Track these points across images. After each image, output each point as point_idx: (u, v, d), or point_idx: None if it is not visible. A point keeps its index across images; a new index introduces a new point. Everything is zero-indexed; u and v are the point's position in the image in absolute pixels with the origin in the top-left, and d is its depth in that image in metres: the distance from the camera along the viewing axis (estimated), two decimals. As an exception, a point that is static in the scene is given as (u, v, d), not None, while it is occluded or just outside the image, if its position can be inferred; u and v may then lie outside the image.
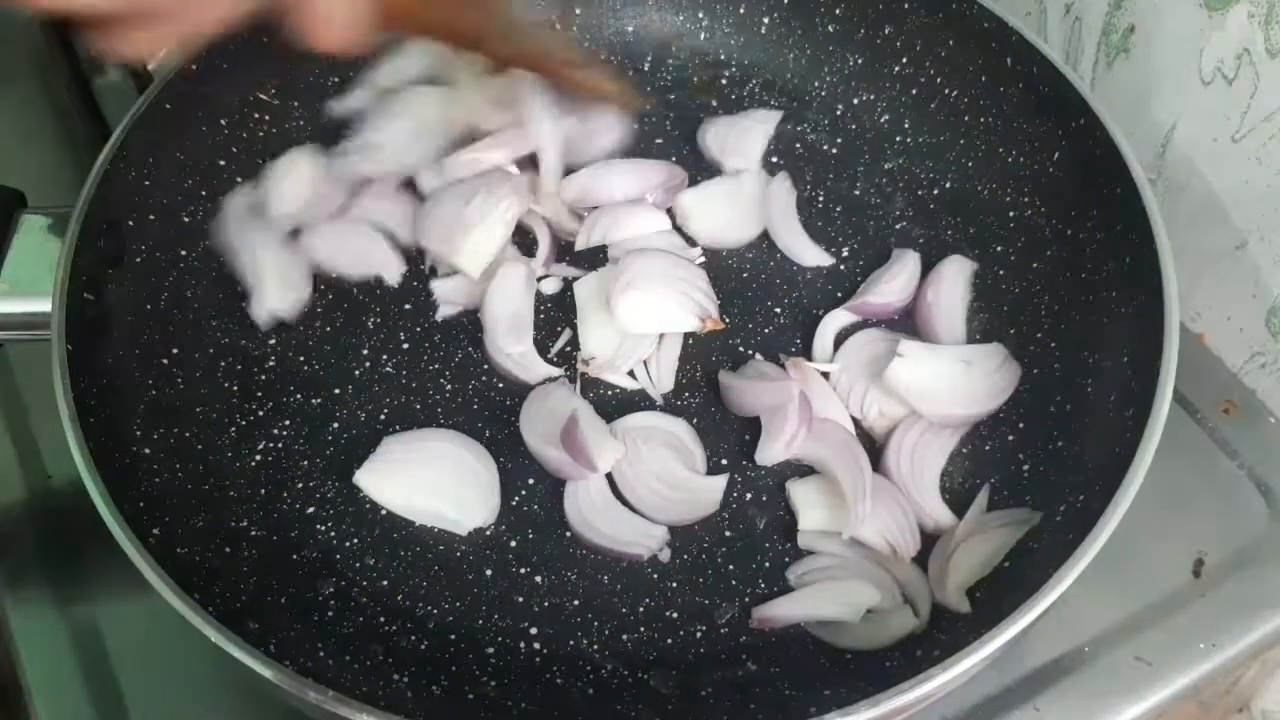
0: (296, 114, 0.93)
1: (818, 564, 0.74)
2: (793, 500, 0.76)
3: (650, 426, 0.80)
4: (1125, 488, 0.65)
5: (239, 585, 0.70)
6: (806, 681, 0.69)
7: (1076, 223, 0.84)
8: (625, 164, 0.93)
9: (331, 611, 0.72)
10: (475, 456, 0.78)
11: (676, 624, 0.73)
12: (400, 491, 0.77)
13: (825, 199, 0.93)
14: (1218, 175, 0.85)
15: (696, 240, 0.90)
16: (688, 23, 1.01)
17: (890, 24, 0.95)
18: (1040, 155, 0.87)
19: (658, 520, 0.76)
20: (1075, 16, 0.93)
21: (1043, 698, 0.75)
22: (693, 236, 0.90)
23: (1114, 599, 0.78)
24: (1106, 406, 0.75)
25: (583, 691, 0.70)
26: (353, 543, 0.76)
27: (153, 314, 0.81)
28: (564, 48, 0.91)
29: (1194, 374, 0.87)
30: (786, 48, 0.99)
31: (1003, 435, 0.79)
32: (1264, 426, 0.87)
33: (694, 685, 0.69)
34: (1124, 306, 0.78)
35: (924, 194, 0.93)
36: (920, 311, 0.85)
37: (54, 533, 0.83)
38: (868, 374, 0.81)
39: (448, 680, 0.70)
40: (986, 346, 0.82)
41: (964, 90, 0.92)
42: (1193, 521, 0.81)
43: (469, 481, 0.77)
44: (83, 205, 0.76)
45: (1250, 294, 0.85)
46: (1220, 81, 0.82)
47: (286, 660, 0.61)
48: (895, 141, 0.95)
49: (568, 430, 0.74)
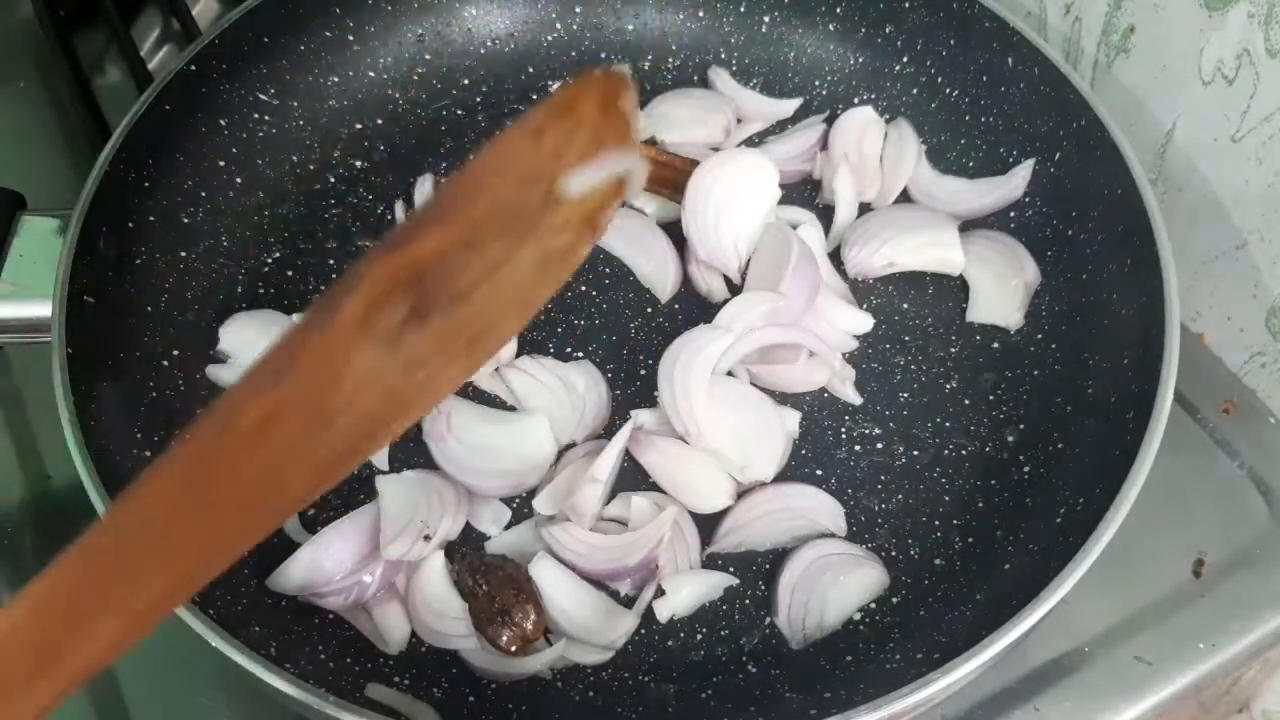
0: (296, 114, 0.93)
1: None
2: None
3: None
4: (1126, 490, 0.65)
5: (240, 588, 0.70)
6: (807, 684, 0.69)
7: (1076, 223, 0.84)
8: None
9: (332, 615, 0.72)
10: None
11: (676, 626, 0.73)
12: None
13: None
14: (1218, 175, 0.85)
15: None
16: (688, 21, 1.01)
17: (891, 23, 0.95)
18: (1040, 155, 0.87)
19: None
20: (1075, 16, 0.93)
21: (1043, 698, 0.75)
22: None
23: (1114, 599, 0.78)
24: (1106, 407, 0.75)
25: (583, 694, 0.70)
26: (353, 544, 0.76)
27: (153, 315, 0.81)
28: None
29: (1194, 374, 0.87)
30: (787, 46, 0.99)
31: (1003, 436, 0.80)
32: (1264, 426, 0.87)
33: (694, 688, 0.70)
34: (1124, 307, 0.78)
35: (924, 194, 0.93)
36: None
37: (54, 533, 0.83)
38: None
39: (448, 682, 0.70)
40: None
41: (965, 90, 0.92)
42: (1193, 521, 0.81)
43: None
44: (83, 206, 0.76)
45: (1250, 294, 0.85)
46: (1220, 81, 0.82)
47: (287, 663, 0.61)
48: (895, 141, 0.95)
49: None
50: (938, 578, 0.74)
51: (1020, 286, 0.85)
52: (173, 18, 1.09)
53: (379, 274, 0.44)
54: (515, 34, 1.01)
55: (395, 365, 0.45)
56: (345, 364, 0.44)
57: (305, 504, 0.47)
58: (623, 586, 0.74)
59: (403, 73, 0.98)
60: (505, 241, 0.47)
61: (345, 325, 0.43)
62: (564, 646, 0.70)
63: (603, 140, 0.50)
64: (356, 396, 0.44)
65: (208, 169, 0.88)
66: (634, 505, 0.75)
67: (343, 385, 0.44)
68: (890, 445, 0.80)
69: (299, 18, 0.92)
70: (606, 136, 0.50)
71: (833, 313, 0.84)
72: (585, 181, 0.49)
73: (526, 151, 0.49)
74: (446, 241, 0.46)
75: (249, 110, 0.91)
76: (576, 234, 0.50)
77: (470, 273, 0.47)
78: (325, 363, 0.44)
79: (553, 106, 0.50)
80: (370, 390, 0.45)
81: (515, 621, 0.69)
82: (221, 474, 0.42)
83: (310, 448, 0.44)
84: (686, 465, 0.76)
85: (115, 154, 0.79)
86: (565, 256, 0.51)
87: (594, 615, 0.71)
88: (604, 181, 0.50)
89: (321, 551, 0.71)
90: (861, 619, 0.72)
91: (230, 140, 0.89)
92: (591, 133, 0.50)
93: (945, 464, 0.79)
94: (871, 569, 0.74)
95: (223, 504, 0.43)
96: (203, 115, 0.88)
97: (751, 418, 0.77)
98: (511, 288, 0.49)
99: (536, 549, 0.73)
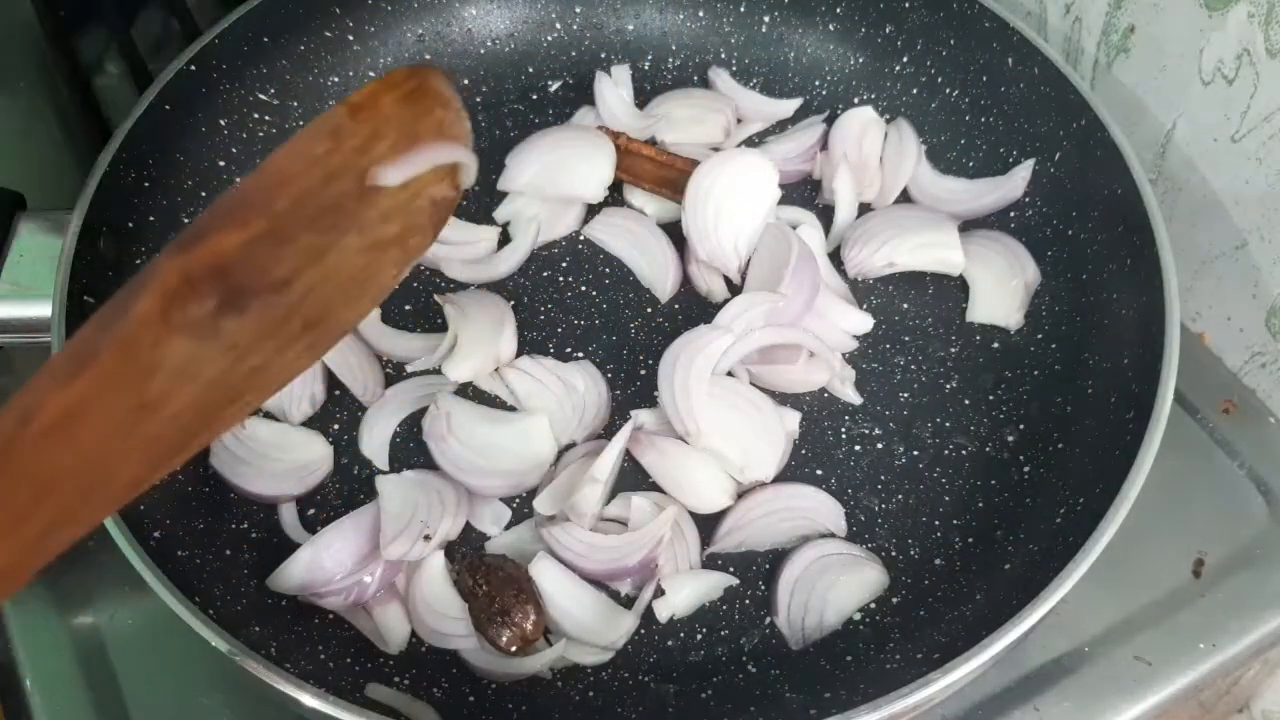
0: (296, 114, 0.93)
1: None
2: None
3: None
4: (1126, 490, 0.65)
5: (240, 588, 0.70)
6: (807, 684, 0.69)
7: (1076, 223, 0.84)
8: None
9: (332, 615, 0.72)
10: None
11: (676, 626, 0.73)
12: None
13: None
14: (1218, 175, 0.85)
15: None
16: (688, 21, 1.01)
17: (891, 23, 0.95)
18: (1040, 155, 0.87)
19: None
20: (1075, 16, 0.93)
21: (1043, 698, 0.75)
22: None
23: (1114, 599, 0.78)
24: (1107, 407, 0.75)
25: (583, 694, 0.70)
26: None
27: (153, 315, 0.80)
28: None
29: (1194, 374, 0.87)
30: (787, 46, 0.99)
31: (1003, 436, 0.80)
32: (1264, 426, 0.87)
33: (694, 688, 0.70)
34: (1124, 307, 0.78)
35: (924, 194, 0.93)
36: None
37: (54, 533, 0.83)
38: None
39: (448, 682, 0.70)
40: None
41: (965, 90, 0.92)
42: (1193, 521, 0.81)
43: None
44: (83, 206, 0.76)
45: (1250, 294, 0.85)
46: (1220, 81, 0.82)
47: (287, 664, 0.61)
48: (895, 141, 0.95)
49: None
50: (938, 578, 0.74)
51: (1020, 286, 0.85)
52: (173, 18, 1.09)
53: (167, 273, 0.45)
54: (515, 34, 1.01)
55: (216, 353, 0.47)
56: (153, 355, 0.45)
57: (146, 485, 0.48)
58: (623, 586, 0.74)
59: (403, 73, 0.98)
60: (319, 233, 0.50)
61: (142, 319, 0.45)
62: (564, 647, 0.70)
63: (417, 135, 0.52)
64: (176, 386, 0.46)
65: (208, 169, 0.88)
66: (634, 505, 0.75)
67: (156, 376, 0.45)
68: (890, 445, 0.80)
69: (299, 18, 0.92)
70: (421, 131, 0.53)
71: (833, 313, 0.84)
72: (401, 174, 0.51)
73: (324, 149, 0.51)
74: (247, 236, 0.47)
75: (249, 110, 0.91)
76: (408, 222, 0.53)
77: (284, 264, 0.49)
78: (129, 355, 0.45)
79: (349, 105, 0.52)
80: (191, 379, 0.47)
81: (515, 621, 0.69)
82: (25, 465, 0.43)
83: (134, 437, 0.46)
84: (686, 465, 0.76)
85: (115, 154, 0.79)
86: (402, 242, 0.53)
87: (594, 615, 0.71)
88: (425, 173, 0.52)
89: (321, 551, 0.71)
90: (861, 619, 0.72)
91: (230, 140, 0.89)
92: (401, 128, 0.52)
93: (945, 464, 0.79)
94: (871, 569, 0.74)
95: (33, 491, 0.44)
96: (203, 115, 0.88)
97: (751, 418, 0.77)
98: (344, 274, 0.51)
99: (536, 549, 0.73)
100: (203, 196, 0.87)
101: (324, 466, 0.78)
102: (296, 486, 0.77)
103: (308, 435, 0.79)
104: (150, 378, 0.45)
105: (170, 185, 0.85)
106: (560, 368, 0.82)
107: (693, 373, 0.77)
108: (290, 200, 0.49)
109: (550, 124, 0.96)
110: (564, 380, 0.81)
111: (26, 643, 0.77)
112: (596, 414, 0.80)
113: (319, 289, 0.50)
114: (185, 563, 0.69)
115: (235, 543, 0.74)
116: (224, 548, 0.73)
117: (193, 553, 0.70)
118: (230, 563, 0.72)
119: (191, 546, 0.71)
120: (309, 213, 0.49)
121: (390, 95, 0.52)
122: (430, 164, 0.52)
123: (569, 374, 0.81)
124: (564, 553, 0.73)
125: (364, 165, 0.51)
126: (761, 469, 0.76)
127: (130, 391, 0.45)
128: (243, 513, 0.76)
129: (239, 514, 0.76)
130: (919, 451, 0.79)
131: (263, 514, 0.76)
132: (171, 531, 0.69)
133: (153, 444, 0.47)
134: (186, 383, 0.47)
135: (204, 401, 0.48)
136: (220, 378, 0.48)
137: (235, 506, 0.76)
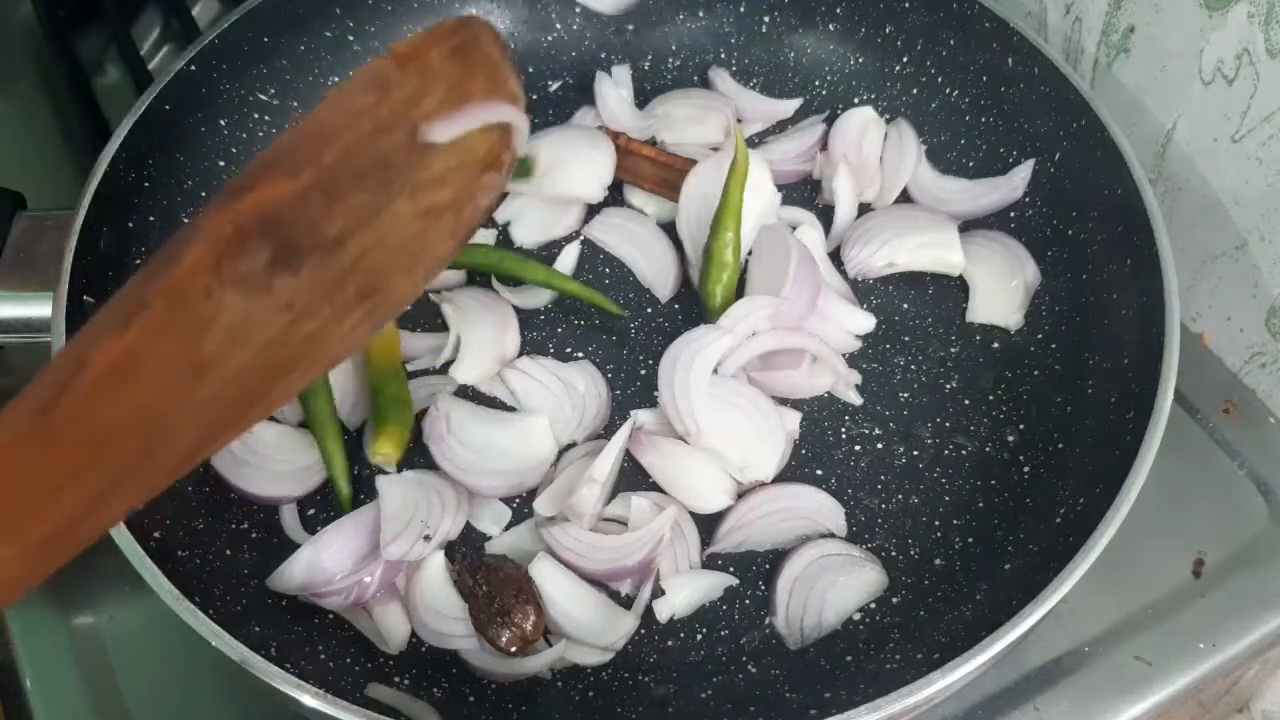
0: (296, 114, 0.93)
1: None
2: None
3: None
4: (1126, 490, 0.65)
5: (240, 588, 0.70)
6: (807, 684, 0.69)
7: (1076, 223, 0.84)
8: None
9: (332, 615, 0.72)
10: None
11: (676, 626, 0.73)
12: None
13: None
14: (1218, 175, 0.85)
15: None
16: (688, 21, 1.01)
17: (891, 23, 0.95)
18: (1040, 155, 0.87)
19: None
20: (1075, 16, 0.93)
21: (1043, 698, 0.75)
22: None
23: (1114, 599, 0.78)
24: (1107, 407, 0.75)
25: (583, 694, 0.70)
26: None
27: (153, 315, 0.80)
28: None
29: (1194, 374, 0.87)
30: (787, 46, 0.99)
31: (1003, 436, 0.80)
32: (1264, 426, 0.87)
33: (694, 688, 0.70)
34: (1124, 307, 0.78)
35: (924, 194, 0.93)
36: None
37: (54, 534, 0.83)
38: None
39: (448, 682, 0.70)
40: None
41: (965, 90, 0.92)
42: (1193, 521, 0.81)
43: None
44: (83, 206, 0.76)
45: (1250, 294, 0.85)
46: (1220, 81, 0.82)
47: (287, 664, 0.61)
48: (895, 141, 0.95)
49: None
50: (938, 578, 0.74)
51: (1020, 286, 0.85)
52: (173, 18, 1.09)
53: (218, 221, 0.44)
54: (515, 34, 1.01)
55: (271, 313, 0.45)
56: (206, 307, 0.43)
57: (204, 455, 0.46)
58: (623, 586, 0.74)
59: (403, 73, 0.98)
60: (370, 191, 0.47)
61: (193, 266, 0.43)
62: (564, 647, 0.70)
63: (467, 91, 0.50)
64: (231, 346, 0.44)
65: (208, 169, 0.88)
66: (634, 505, 0.75)
67: (210, 331, 0.44)
68: (890, 445, 0.80)
69: (299, 18, 0.92)
70: (471, 87, 0.50)
71: (835, 313, 0.84)
72: (451, 131, 0.49)
73: (371, 100, 0.48)
74: (297, 187, 0.45)
75: (249, 110, 0.91)
76: (461, 188, 0.50)
77: (336, 222, 0.47)
78: (180, 304, 0.43)
79: (395, 56, 0.49)
80: (246, 340, 0.45)
81: (515, 622, 0.69)
82: (78, 415, 0.42)
83: (191, 397, 0.44)
84: (686, 465, 0.76)
85: (115, 154, 0.79)
86: (456, 210, 0.51)
87: (594, 616, 0.71)
88: (477, 131, 0.50)
89: (321, 551, 0.71)
90: (861, 619, 0.72)
91: (230, 140, 0.89)
92: (450, 83, 0.49)
93: (945, 464, 0.79)
94: (871, 569, 0.74)
95: (89, 445, 0.42)
96: (203, 115, 0.88)
97: (752, 418, 0.77)
98: (397, 240, 0.49)
99: (536, 549, 0.73)
100: (203, 196, 0.87)
101: (324, 468, 0.78)
102: (297, 488, 0.77)
103: (308, 436, 0.79)
104: (204, 333, 0.43)
105: (170, 185, 0.85)
106: (560, 368, 0.82)
107: (693, 373, 0.77)
108: (339, 153, 0.47)
109: (550, 124, 0.96)
110: (564, 380, 0.81)
111: (26, 643, 0.77)
112: (596, 414, 0.80)
113: (372, 254, 0.48)
114: (185, 563, 0.69)
115: (235, 543, 0.74)
116: (224, 548, 0.73)
117: (193, 553, 0.70)
118: (230, 563, 0.72)
119: (191, 546, 0.71)
120: (358, 167, 0.47)
121: (438, 49, 0.50)
122: (481, 121, 0.50)
123: (569, 374, 0.81)
124: (564, 553, 0.73)
125: (414, 119, 0.48)
126: (761, 469, 0.76)
127: (183, 343, 0.43)
128: (243, 513, 0.76)
129: (239, 514, 0.76)
130: (919, 451, 0.79)
131: (263, 514, 0.76)
132: (171, 531, 0.69)
133: (210, 407, 0.45)
134: (242, 343, 0.45)
135: (261, 365, 0.46)
136: (276, 340, 0.46)
137: (235, 507, 0.76)
